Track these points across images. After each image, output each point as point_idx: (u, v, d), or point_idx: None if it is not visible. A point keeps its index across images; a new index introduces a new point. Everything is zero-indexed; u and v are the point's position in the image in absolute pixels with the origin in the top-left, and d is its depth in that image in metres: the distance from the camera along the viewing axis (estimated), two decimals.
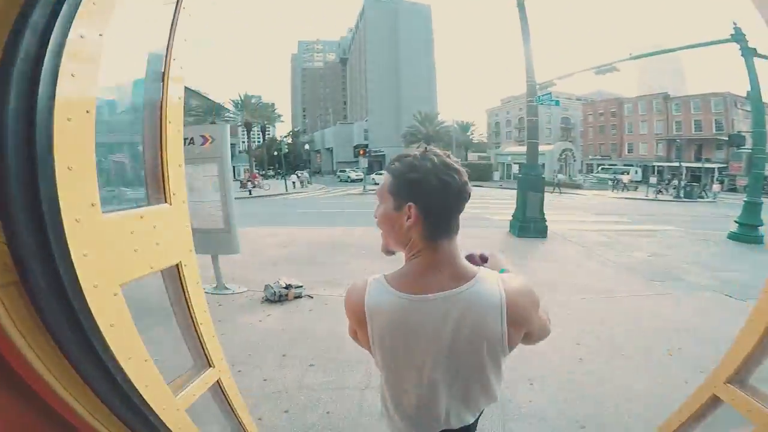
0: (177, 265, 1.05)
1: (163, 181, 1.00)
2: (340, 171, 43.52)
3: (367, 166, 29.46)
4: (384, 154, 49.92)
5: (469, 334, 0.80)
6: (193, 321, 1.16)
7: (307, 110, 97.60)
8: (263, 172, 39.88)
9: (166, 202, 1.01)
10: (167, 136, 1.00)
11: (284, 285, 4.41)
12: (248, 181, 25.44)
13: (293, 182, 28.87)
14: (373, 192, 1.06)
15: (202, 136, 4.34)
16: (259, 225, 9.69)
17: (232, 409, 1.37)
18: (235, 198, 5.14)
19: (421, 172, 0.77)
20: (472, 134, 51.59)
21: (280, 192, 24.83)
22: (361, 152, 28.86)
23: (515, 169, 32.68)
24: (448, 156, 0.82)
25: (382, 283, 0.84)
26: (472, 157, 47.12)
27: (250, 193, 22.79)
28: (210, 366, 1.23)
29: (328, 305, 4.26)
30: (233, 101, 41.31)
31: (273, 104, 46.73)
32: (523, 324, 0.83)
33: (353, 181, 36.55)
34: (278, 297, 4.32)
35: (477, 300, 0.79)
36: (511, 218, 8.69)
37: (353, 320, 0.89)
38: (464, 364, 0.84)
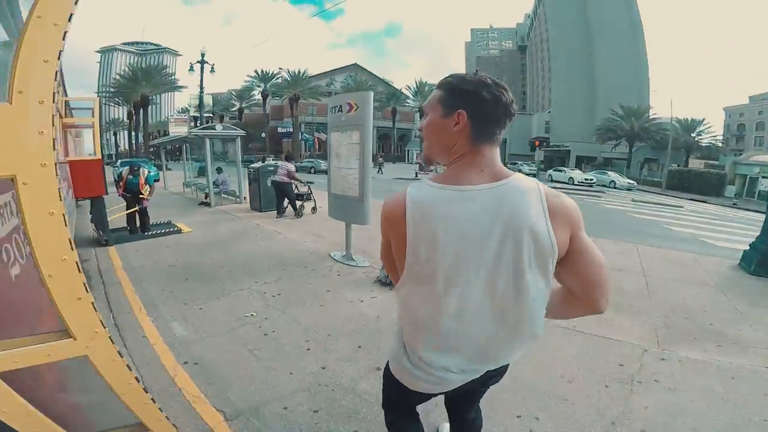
0: (12, 180, 0.82)
1: (12, 75, 0.80)
2: (511, 163, 40.43)
3: (542, 159, 26.12)
4: (568, 150, 43.87)
5: (510, 221, 0.82)
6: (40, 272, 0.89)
7: None
8: None
9: (6, 100, 0.80)
10: (30, 24, 0.79)
11: None
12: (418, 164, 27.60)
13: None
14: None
15: (348, 103, 4.42)
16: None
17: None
18: (401, 178, 5.14)
19: (473, 85, 0.86)
20: (700, 135, 38.88)
21: None
22: (536, 143, 25.77)
23: (764, 184, 23.97)
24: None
25: (423, 182, 0.91)
26: (696, 163, 35.51)
27: (416, 176, 23.81)
28: (70, 337, 0.96)
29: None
30: (409, 87, 44.18)
31: None
32: (567, 221, 0.85)
33: (526, 175, 33.77)
34: (389, 280, 4.06)
35: (516, 190, 0.85)
36: (746, 248, 5.82)
37: (389, 223, 0.92)
38: (506, 263, 0.84)
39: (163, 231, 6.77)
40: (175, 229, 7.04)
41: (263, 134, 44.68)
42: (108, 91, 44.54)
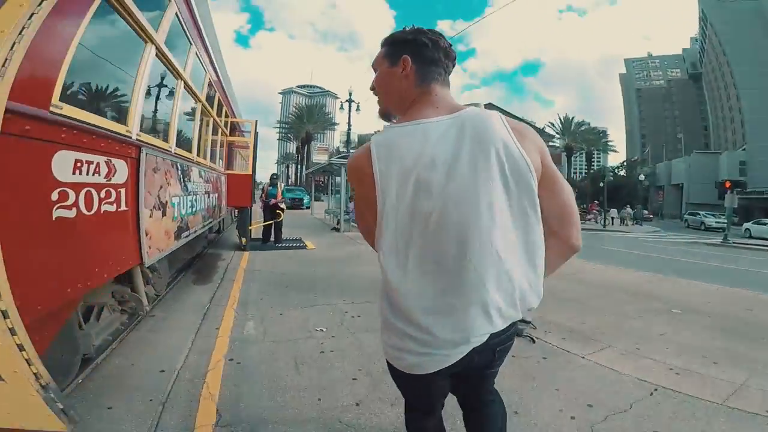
0: None
1: None
2: (690, 213, 30.96)
3: (735, 207, 17.22)
4: None
5: (477, 139, 0.82)
6: None
7: (647, 137, 77.50)
8: (582, 205, 35.27)
9: None
10: None
11: None
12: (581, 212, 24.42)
13: (612, 218, 24.46)
14: (737, 245, 5.41)
15: None
16: None
17: None
18: None
19: (412, 34, 0.93)
20: None
21: (593, 227, 21.17)
22: (727, 184, 17.49)
23: None
24: None
25: (386, 128, 0.93)
26: None
27: None
28: None
29: (555, 360, 2.68)
30: (552, 124, 38.77)
31: (603, 130, 40.36)
32: (536, 145, 0.87)
33: (708, 228, 25.26)
34: None
35: (477, 115, 0.86)
36: None
37: (356, 172, 0.91)
38: (483, 184, 0.80)
39: (291, 245, 7.47)
40: (302, 245, 7.68)
41: None
42: (282, 128, 54.20)
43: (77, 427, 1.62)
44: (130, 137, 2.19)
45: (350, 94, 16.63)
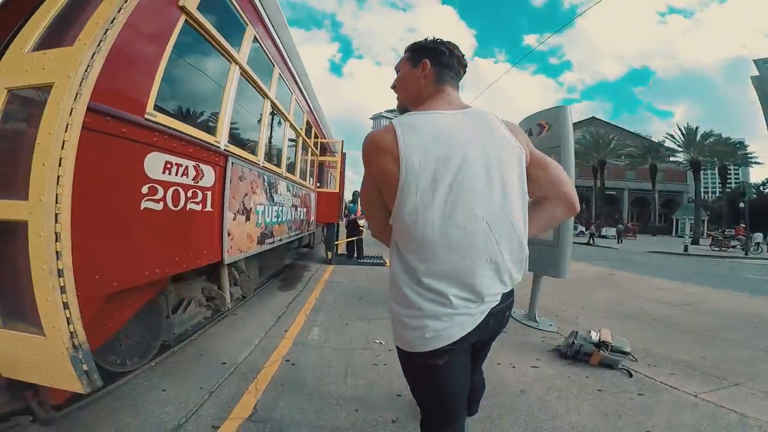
0: None
1: None
2: None
3: None
4: None
5: (486, 132, 0.98)
6: None
7: None
8: (719, 230, 27.61)
9: None
10: None
11: (595, 340, 2.60)
12: (722, 237, 20.04)
13: (757, 243, 19.83)
14: None
15: (539, 124, 3.56)
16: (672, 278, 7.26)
17: None
18: (657, 251, 3.91)
19: (432, 44, 1.10)
20: None
21: (733, 255, 17.03)
22: None
23: None
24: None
25: (405, 115, 1.03)
26: None
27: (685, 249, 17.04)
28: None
29: (655, 397, 2.14)
30: (671, 136, 31.17)
31: (739, 141, 31.22)
32: (524, 139, 1.05)
33: None
34: (574, 352, 2.63)
35: (481, 113, 1.03)
36: None
37: (378, 149, 0.96)
38: (495, 169, 0.95)
39: (371, 261, 7.62)
40: (381, 261, 7.76)
41: None
42: None
43: (123, 402, 1.83)
44: (219, 147, 2.51)
45: None
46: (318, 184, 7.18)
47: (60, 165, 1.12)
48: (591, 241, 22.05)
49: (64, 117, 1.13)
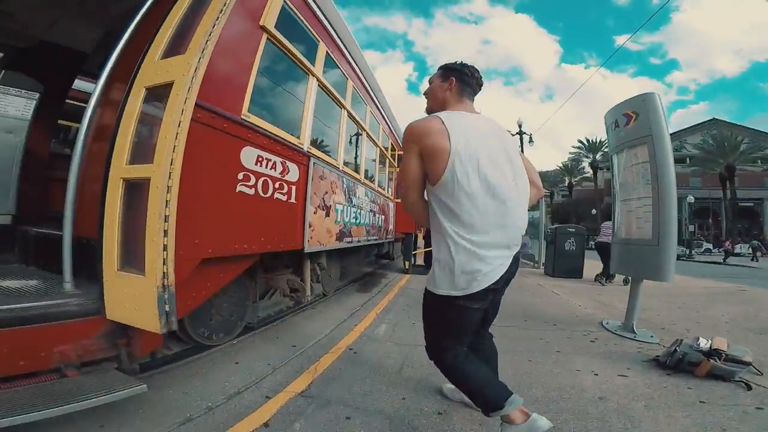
0: None
1: None
2: None
3: None
4: None
5: (500, 132, 1.46)
6: None
7: None
8: None
9: None
10: None
11: (705, 348, 2.11)
12: None
13: None
14: None
15: (625, 114, 3.12)
16: None
17: None
18: None
19: (458, 66, 1.53)
20: None
21: None
22: None
23: None
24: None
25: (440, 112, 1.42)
26: None
27: None
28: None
29: None
30: None
31: None
32: (514, 141, 1.62)
33: None
34: (675, 361, 2.19)
35: (490, 118, 1.49)
36: None
37: (426, 133, 1.32)
38: (511, 156, 1.41)
39: None
40: None
41: (594, 211, 36.43)
42: None
43: (199, 370, 2.07)
44: (302, 148, 2.84)
45: (520, 126, 15.34)
46: (397, 195, 7.40)
47: (176, 139, 1.45)
48: (725, 260, 17.85)
49: (181, 103, 1.47)
